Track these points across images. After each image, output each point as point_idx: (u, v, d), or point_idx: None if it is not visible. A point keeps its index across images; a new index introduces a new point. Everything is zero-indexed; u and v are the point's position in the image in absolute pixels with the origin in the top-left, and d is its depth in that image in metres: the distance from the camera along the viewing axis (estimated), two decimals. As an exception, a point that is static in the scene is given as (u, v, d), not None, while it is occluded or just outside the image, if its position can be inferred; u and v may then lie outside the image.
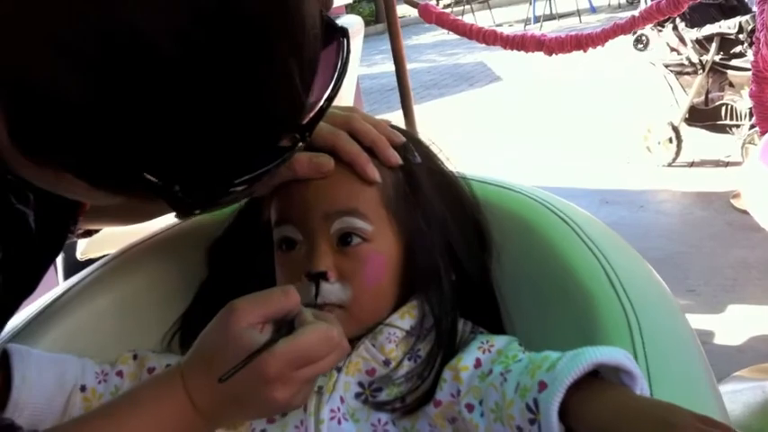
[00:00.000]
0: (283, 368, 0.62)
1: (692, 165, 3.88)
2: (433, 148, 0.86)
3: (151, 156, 0.48)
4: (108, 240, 1.17)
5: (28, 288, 0.77)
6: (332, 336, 0.66)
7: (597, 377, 0.58)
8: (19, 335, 0.83)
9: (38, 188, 0.71)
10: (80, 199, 0.59)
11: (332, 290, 0.73)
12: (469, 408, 0.68)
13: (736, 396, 1.98)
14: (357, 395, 0.74)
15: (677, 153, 3.83)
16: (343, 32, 0.60)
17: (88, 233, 0.98)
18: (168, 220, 1.02)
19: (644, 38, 3.71)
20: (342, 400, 0.73)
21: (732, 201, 3.27)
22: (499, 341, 0.73)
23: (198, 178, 0.50)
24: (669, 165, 3.87)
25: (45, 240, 0.75)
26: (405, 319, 0.76)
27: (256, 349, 0.62)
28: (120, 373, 0.80)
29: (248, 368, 0.61)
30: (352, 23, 2.32)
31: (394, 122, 0.86)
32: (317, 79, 0.54)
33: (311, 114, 0.56)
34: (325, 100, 0.56)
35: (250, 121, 0.49)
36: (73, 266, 1.46)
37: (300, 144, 0.55)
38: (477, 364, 0.71)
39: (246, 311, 0.65)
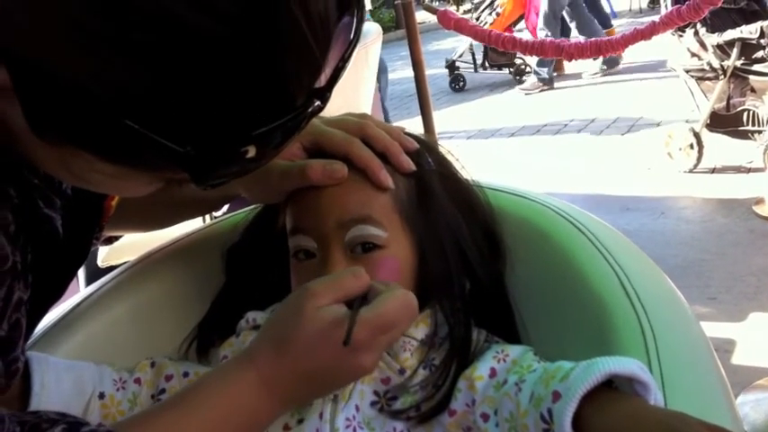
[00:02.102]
0: (370, 334, 0.63)
1: (713, 171, 3.84)
2: (449, 156, 0.86)
3: (160, 114, 0.47)
4: (128, 248, 1.18)
5: (55, 293, 0.78)
6: (412, 300, 0.68)
7: (611, 387, 0.58)
8: (38, 342, 0.84)
9: (64, 193, 0.73)
10: (94, 186, 0.60)
11: None
12: (484, 417, 0.68)
13: (759, 405, 1.96)
14: (372, 403, 0.74)
15: (699, 159, 3.80)
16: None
17: (110, 240, 0.99)
18: (186, 227, 1.03)
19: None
20: (357, 408, 0.73)
21: (754, 207, 3.23)
22: (514, 351, 0.73)
23: (209, 135, 0.49)
24: (690, 171, 3.84)
25: (71, 246, 0.76)
26: (419, 328, 0.76)
27: (354, 310, 0.63)
28: (137, 381, 0.81)
29: (334, 341, 0.62)
30: (371, 31, 2.33)
31: (411, 129, 0.86)
32: (333, 43, 0.53)
33: (328, 77, 0.54)
34: (341, 61, 0.55)
35: (255, 72, 0.48)
36: (94, 273, 1.48)
37: (318, 104, 0.54)
38: (492, 373, 0.71)
39: (321, 293, 0.65)
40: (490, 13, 6.97)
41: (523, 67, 6.98)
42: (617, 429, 0.54)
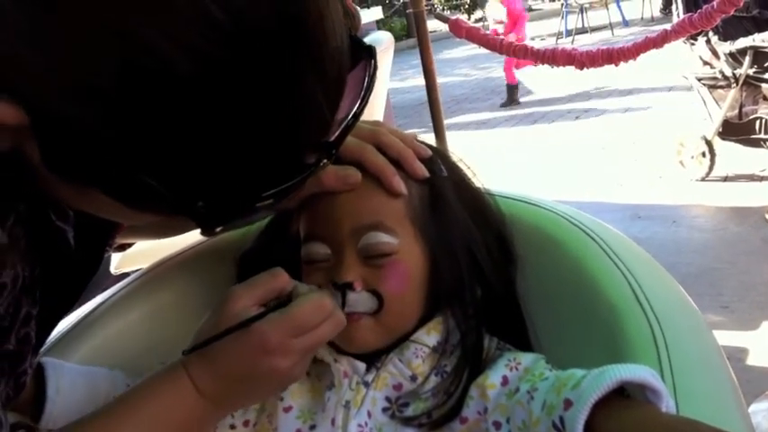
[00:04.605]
0: (282, 337, 0.64)
1: (726, 179, 3.83)
2: (461, 164, 0.87)
3: (174, 172, 0.49)
4: (141, 255, 1.18)
5: (66, 305, 0.78)
6: (324, 304, 0.67)
7: (623, 394, 0.58)
8: (54, 347, 0.85)
9: None
10: (109, 217, 0.61)
11: (359, 299, 0.74)
12: (497, 425, 0.68)
13: (772, 414, 1.94)
14: (384, 410, 0.74)
15: (711, 167, 3.79)
16: (370, 51, 0.60)
17: (122, 247, 0.99)
18: (198, 234, 1.03)
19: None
20: (369, 414, 0.73)
21: (767, 216, 3.23)
22: (526, 359, 0.73)
23: (221, 195, 0.51)
24: (703, 179, 3.83)
25: (84, 258, 0.77)
26: (431, 335, 0.76)
27: (242, 321, 0.64)
28: (151, 385, 0.81)
29: (248, 344, 0.64)
30: (382, 39, 2.34)
31: (422, 137, 0.86)
32: (345, 96, 0.55)
33: (337, 131, 0.56)
34: (351, 117, 0.57)
35: (271, 139, 0.50)
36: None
37: (326, 161, 0.55)
38: (505, 381, 0.71)
39: (240, 296, 0.67)
40: None
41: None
42: (629, 436, 0.54)
